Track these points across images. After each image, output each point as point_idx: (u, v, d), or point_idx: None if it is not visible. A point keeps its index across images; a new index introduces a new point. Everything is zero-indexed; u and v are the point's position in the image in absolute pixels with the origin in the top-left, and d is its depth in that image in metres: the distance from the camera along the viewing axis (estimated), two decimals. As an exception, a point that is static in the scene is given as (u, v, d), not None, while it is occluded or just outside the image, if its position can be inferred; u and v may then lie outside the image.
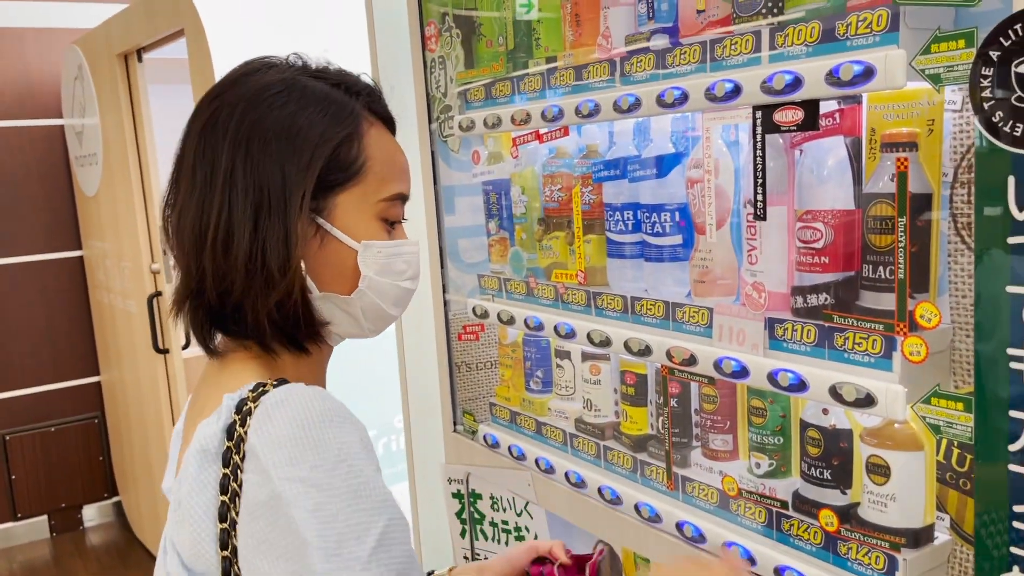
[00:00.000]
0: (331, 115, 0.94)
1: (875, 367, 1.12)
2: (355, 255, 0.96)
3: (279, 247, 0.91)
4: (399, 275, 1.00)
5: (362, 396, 3.43)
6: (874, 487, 1.18)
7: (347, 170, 0.95)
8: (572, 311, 1.65)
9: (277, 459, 0.81)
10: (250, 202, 0.91)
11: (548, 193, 1.70)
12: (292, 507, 0.79)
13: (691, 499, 1.45)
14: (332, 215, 0.95)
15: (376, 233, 0.98)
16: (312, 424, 0.82)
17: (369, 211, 0.97)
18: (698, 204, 1.37)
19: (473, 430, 2.01)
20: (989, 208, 0.95)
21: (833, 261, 1.20)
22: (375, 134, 0.98)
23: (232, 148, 0.92)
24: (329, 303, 0.98)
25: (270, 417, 0.83)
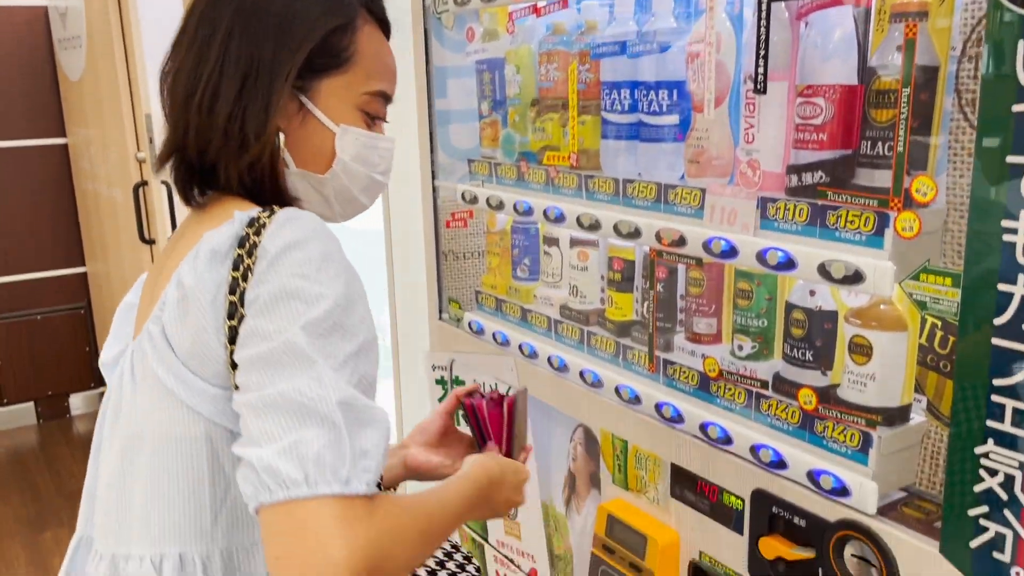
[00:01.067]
0: (328, 4, 1.04)
1: (866, 245, 1.11)
2: (333, 137, 1.06)
3: (258, 114, 1.00)
4: (373, 166, 1.11)
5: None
6: (855, 367, 1.18)
7: (335, 57, 1.04)
8: (563, 195, 1.62)
9: (289, 259, 0.89)
10: (240, 70, 1.00)
11: (544, 72, 1.65)
12: (293, 299, 0.88)
13: (672, 382, 1.45)
14: (316, 96, 1.04)
15: (355, 121, 1.07)
16: (320, 239, 0.92)
17: (351, 100, 1.06)
18: (697, 80, 1.34)
19: (459, 318, 2.01)
20: (995, 76, 0.92)
21: (831, 138, 1.17)
22: (368, 31, 1.07)
23: (233, 19, 1.01)
24: (303, 180, 1.07)
25: (283, 227, 0.92)
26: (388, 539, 0.85)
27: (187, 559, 0.97)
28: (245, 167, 1.01)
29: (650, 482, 1.48)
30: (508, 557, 1.92)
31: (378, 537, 0.84)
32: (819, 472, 1.18)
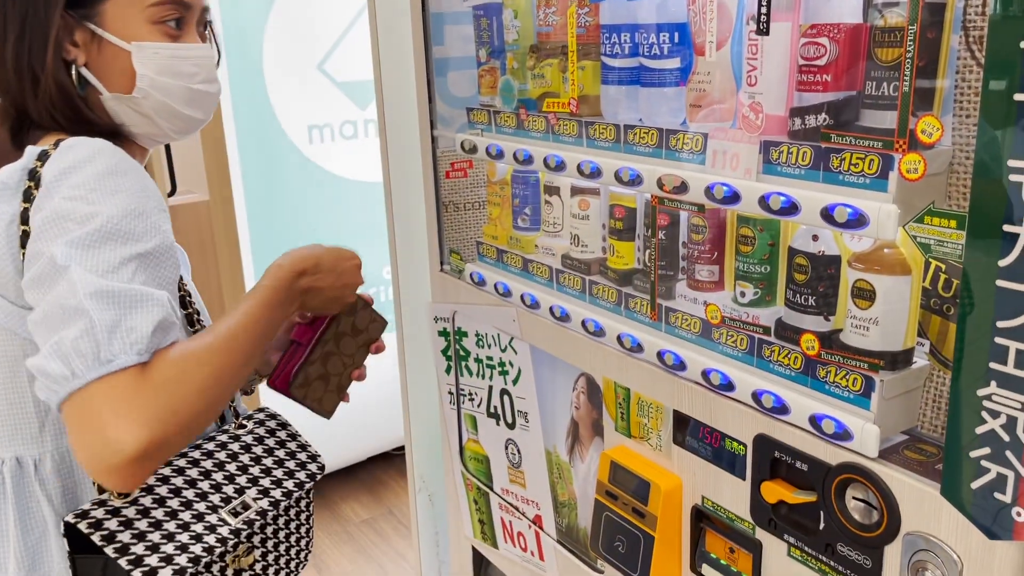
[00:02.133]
0: None
1: (870, 188, 1.09)
2: (130, 56, 1.11)
3: (40, 49, 1.07)
4: (189, 77, 1.15)
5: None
6: (858, 311, 1.17)
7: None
8: (563, 143, 1.60)
9: (62, 184, 0.97)
10: (18, 12, 1.07)
11: (542, 16, 1.61)
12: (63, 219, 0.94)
13: (673, 329, 1.45)
14: (103, 20, 1.10)
15: (150, 35, 1.12)
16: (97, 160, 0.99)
17: (139, 16, 1.11)
18: (699, 22, 1.31)
19: (460, 269, 2.00)
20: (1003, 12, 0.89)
21: (836, 79, 1.15)
22: None
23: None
24: (120, 104, 1.13)
25: (62, 154, 1.00)
26: (169, 395, 0.90)
27: (24, 462, 1.12)
28: (45, 102, 1.09)
29: (653, 429, 1.48)
30: (512, 504, 1.94)
31: (155, 398, 0.89)
32: (821, 417, 1.18)
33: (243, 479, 1.28)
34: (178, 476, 1.21)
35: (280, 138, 3.16)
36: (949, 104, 1.09)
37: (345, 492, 3.69)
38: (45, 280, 0.94)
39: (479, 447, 2.00)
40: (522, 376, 1.83)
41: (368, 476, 3.78)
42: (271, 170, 3.16)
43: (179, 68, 1.14)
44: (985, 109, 0.91)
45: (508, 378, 1.88)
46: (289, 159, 3.19)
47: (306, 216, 3.23)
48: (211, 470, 1.25)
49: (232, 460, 1.28)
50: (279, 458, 1.34)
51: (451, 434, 2.08)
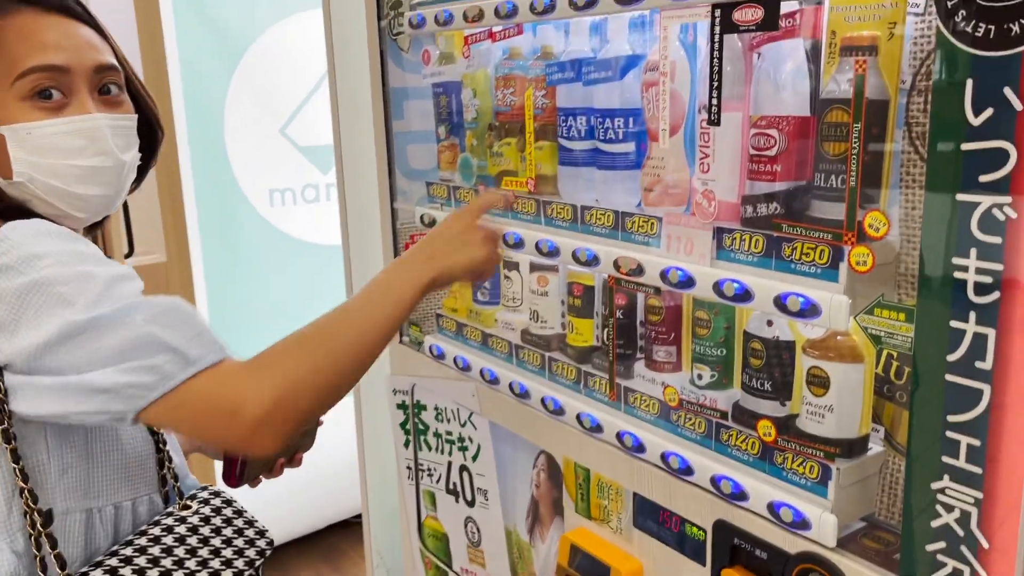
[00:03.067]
0: None
1: (821, 277, 1.11)
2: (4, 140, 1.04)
3: None
4: (76, 152, 1.05)
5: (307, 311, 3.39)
6: (813, 398, 1.18)
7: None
8: (521, 220, 1.60)
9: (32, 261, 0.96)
10: None
11: (500, 97, 1.63)
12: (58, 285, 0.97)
13: (633, 410, 1.44)
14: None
15: (24, 115, 1.02)
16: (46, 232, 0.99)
17: (7, 96, 1.02)
18: (652, 109, 1.33)
19: (419, 341, 1.98)
20: (944, 114, 0.92)
21: (785, 169, 1.17)
22: (9, 21, 1.03)
23: None
24: (15, 189, 1.07)
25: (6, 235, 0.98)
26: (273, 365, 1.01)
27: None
28: None
29: (613, 511, 1.47)
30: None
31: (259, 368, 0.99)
32: (779, 504, 1.18)
33: (192, 562, 1.23)
34: (125, 566, 1.16)
35: (240, 201, 3.14)
36: (895, 197, 1.12)
37: (304, 561, 3.59)
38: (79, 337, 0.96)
39: (438, 524, 1.96)
40: (482, 452, 1.81)
41: (327, 545, 3.69)
42: (230, 232, 3.13)
43: (61, 145, 1.05)
44: (929, 208, 0.93)
45: (468, 454, 1.86)
46: (249, 221, 3.17)
47: (265, 278, 3.20)
48: (159, 556, 1.20)
49: (180, 544, 1.24)
50: (227, 537, 1.30)
51: (409, 510, 2.04)
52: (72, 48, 1.06)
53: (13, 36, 1.03)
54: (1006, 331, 0.89)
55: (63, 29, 1.06)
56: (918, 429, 0.99)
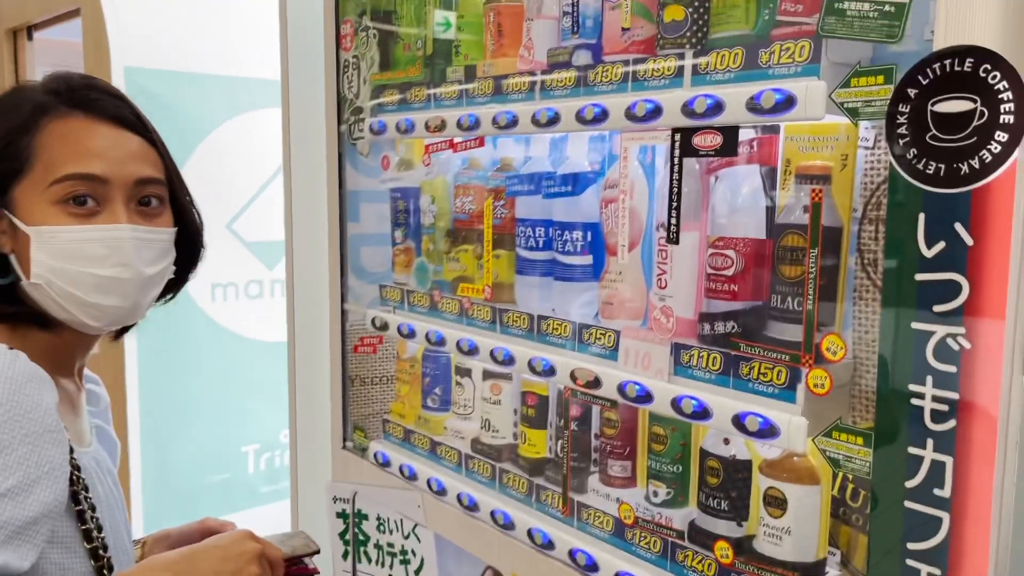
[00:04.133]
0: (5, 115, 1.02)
1: (778, 398, 1.11)
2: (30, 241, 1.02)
3: None
4: (96, 261, 1.03)
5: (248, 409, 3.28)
6: (770, 520, 1.17)
7: (14, 161, 1.01)
8: (477, 327, 1.59)
9: None
10: None
11: (459, 204, 1.65)
12: None
13: (586, 526, 1.41)
14: (15, 207, 1.02)
15: (53, 218, 1.01)
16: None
17: (41, 198, 1.01)
18: (611, 224, 1.35)
19: (364, 447, 1.92)
20: (898, 245, 0.95)
21: (742, 289, 1.19)
22: (57, 125, 1.03)
23: None
24: (35, 291, 1.03)
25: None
26: None
27: None
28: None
29: (563, 634, 1.41)
30: None
31: None
32: (737, 631, 1.14)
33: None
34: None
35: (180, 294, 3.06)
36: (849, 319, 1.14)
37: None
38: None
39: (376, 643, 1.86)
40: (425, 567, 1.74)
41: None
42: (168, 324, 3.04)
43: (82, 252, 1.02)
44: (885, 337, 0.95)
45: (410, 568, 1.78)
46: (188, 314, 3.09)
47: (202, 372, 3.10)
48: None
49: None
50: None
51: (346, 627, 1.93)
52: (115, 159, 1.04)
53: (57, 140, 1.02)
54: (963, 459, 0.90)
55: (111, 138, 1.05)
56: (877, 556, 0.98)
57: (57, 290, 1.03)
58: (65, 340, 1.08)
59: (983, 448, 0.89)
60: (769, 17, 1.13)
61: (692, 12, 1.20)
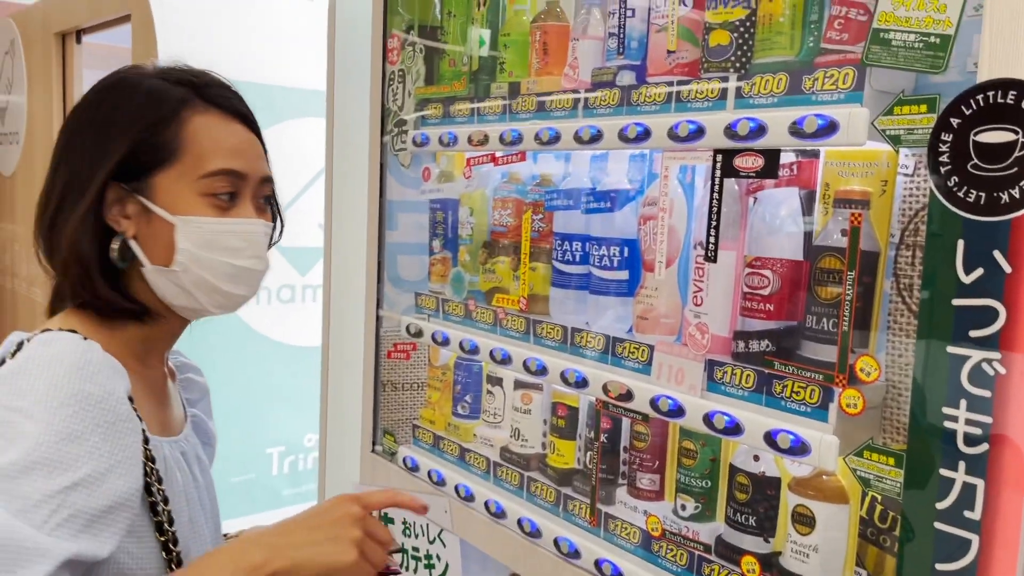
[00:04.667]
0: (147, 104, 1.05)
1: (810, 416, 1.13)
2: (174, 229, 1.05)
3: (78, 226, 1.03)
4: (234, 252, 1.08)
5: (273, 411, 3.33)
6: (798, 537, 1.18)
7: (160, 151, 1.04)
8: (510, 337, 1.63)
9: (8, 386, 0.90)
10: (63, 186, 1.05)
11: (497, 217, 1.68)
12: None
13: (612, 537, 1.43)
14: (153, 193, 1.05)
15: (199, 209, 1.06)
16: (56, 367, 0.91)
17: (189, 188, 1.05)
18: (649, 241, 1.38)
19: (393, 451, 1.95)
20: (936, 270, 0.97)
21: (778, 309, 1.21)
22: (200, 119, 1.07)
23: (62, 145, 1.07)
24: (160, 276, 1.07)
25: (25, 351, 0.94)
26: None
27: None
28: (77, 277, 1.04)
29: (586, 643, 1.43)
30: None
31: None
32: (762, 645, 1.16)
33: None
34: None
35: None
36: (883, 341, 1.16)
37: None
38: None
39: (397, 646, 1.88)
40: (449, 572, 1.76)
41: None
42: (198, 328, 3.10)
43: (224, 243, 1.07)
44: (920, 359, 0.97)
45: (435, 572, 1.80)
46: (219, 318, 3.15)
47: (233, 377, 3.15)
48: None
49: None
50: None
51: (368, 629, 1.95)
52: (250, 157, 1.11)
53: (204, 134, 1.06)
54: (994, 483, 0.92)
55: (244, 137, 1.11)
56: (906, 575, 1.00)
57: (192, 277, 1.06)
58: (157, 331, 1.11)
59: (1014, 472, 0.91)
60: (813, 44, 1.16)
61: (737, 38, 1.23)
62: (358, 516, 0.98)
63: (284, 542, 0.94)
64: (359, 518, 0.98)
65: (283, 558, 0.91)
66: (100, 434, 0.91)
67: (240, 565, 0.90)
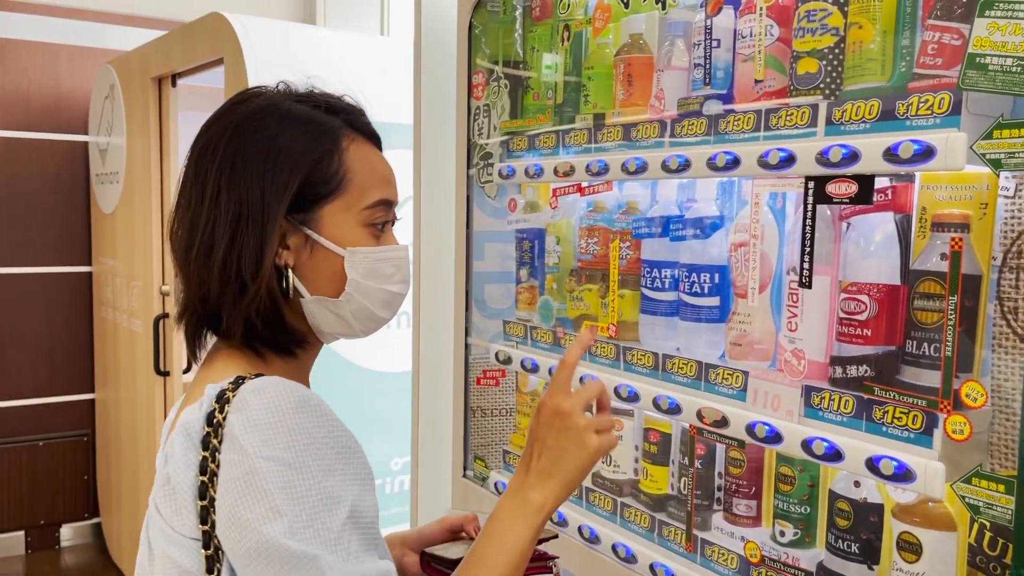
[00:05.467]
0: (310, 133, 1.04)
1: (914, 443, 1.12)
2: (342, 261, 1.05)
3: (253, 257, 1.00)
4: (387, 279, 1.08)
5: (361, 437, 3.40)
6: (904, 564, 1.17)
7: (328, 183, 1.03)
8: (600, 364, 1.65)
9: (253, 440, 0.90)
10: (231, 216, 1.00)
11: (584, 246, 1.71)
12: (265, 481, 0.89)
13: (709, 563, 1.43)
14: (319, 225, 1.04)
15: (362, 239, 1.06)
16: (285, 410, 0.92)
17: (353, 219, 1.05)
18: (740, 268, 1.39)
19: (484, 476, 1.99)
20: (1043, 293, 0.96)
21: (875, 334, 1.21)
22: (355, 148, 1.07)
23: (219, 169, 1.01)
24: (320, 306, 1.05)
25: (247, 404, 0.93)
26: None
27: None
28: (244, 309, 1.00)
29: (686, 669, 1.43)
30: None
31: None
32: (870, 675, 1.15)
33: None
34: None
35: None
36: (987, 365, 1.15)
37: None
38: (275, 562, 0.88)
39: (493, 669, 1.91)
40: (544, 596, 1.78)
41: None
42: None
43: (381, 270, 1.07)
44: (1031, 384, 0.96)
45: (529, 596, 1.82)
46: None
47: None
48: None
49: None
50: None
51: (463, 652, 1.98)
52: (395, 184, 1.12)
53: (362, 164, 1.06)
54: (1115, 510, 0.90)
55: (389, 164, 1.12)
56: (1023, 605, 0.98)
57: (355, 305, 1.06)
58: (307, 360, 1.11)
59: None
60: (906, 70, 1.16)
61: (826, 65, 1.24)
62: (567, 411, 1.05)
63: (546, 467, 1.04)
64: (570, 412, 1.05)
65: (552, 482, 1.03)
66: (343, 460, 0.94)
67: (526, 514, 1.02)
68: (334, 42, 3.24)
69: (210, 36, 3.22)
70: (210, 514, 0.92)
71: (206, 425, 0.94)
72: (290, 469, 0.90)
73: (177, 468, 0.94)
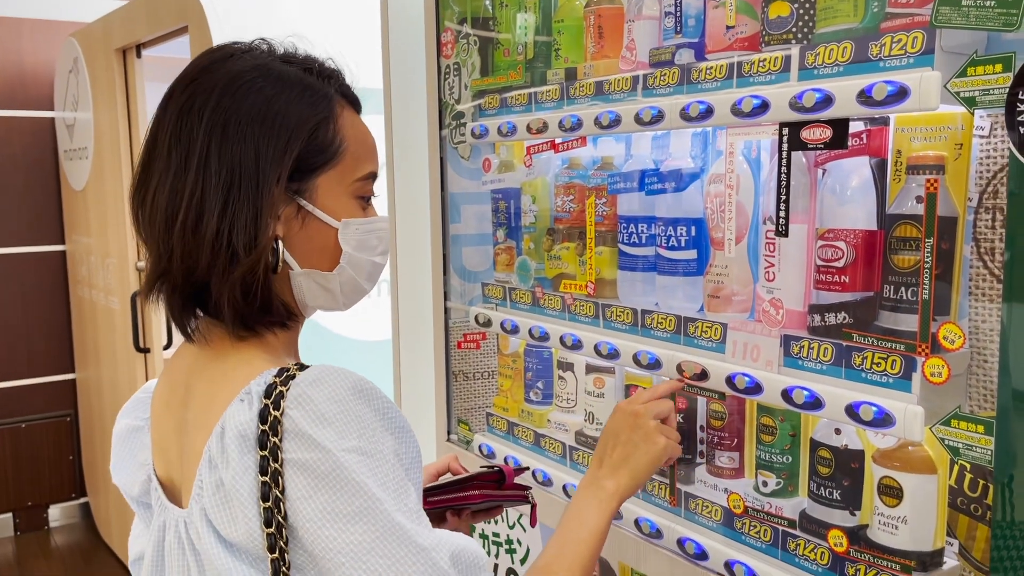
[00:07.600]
0: (307, 99, 0.98)
1: (893, 387, 1.12)
2: (335, 233, 1.01)
3: (248, 226, 0.94)
4: (372, 250, 1.06)
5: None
6: (885, 509, 1.17)
7: (324, 152, 0.99)
8: (579, 323, 1.64)
9: (328, 435, 0.87)
10: (222, 183, 0.93)
11: (560, 203, 1.69)
12: (355, 474, 0.86)
13: (694, 516, 1.44)
14: (313, 195, 0.99)
15: (353, 211, 1.03)
16: (347, 399, 0.89)
17: (346, 191, 1.02)
18: (716, 219, 1.38)
19: (468, 440, 1.99)
20: (1020, 231, 0.95)
21: (853, 280, 1.20)
22: (347, 116, 1.03)
23: (208, 132, 0.94)
24: (309, 279, 1.02)
25: (309, 397, 0.88)
26: None
27: None
28: (237, 281, 0.94)
29: (673, 621, 1.44)
30: None
31: None
32: (854, 618, 1.16)
33: None
34: None
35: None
36: (964, 308, 1.14)
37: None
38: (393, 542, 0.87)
39: (483, 630, 1.92)
40: (530, 556, 1.79)
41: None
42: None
43: (368, 242, 1.04)
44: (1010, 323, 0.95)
45: (515, 557, 1.83)
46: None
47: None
48: None
49: None
50: None
51: (453, 614, 1.99)
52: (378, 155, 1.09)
53: (353, 134, 1.02)
54: (1092, 446, 0.90)
55: (371, 132, 1.08)
56: (1000, 546, 0.98)
57: (344, 278, 1.03)
58: (295, 334, 1.07)
59: (1113, 435, 0.89)
60: (878, 10, 1.14)
61: (798, 8, 1.22)
62: (640, 413, 1.23)
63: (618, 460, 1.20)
64: (643, 414, 1.23)
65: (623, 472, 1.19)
66: (405, 441, 0.93)
67: (601, 499, 1.17)
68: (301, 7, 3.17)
69: (174, 3, 3.14)
70: (275, 515, 0.87)
71: (260, 423, 0.88)
72: (369, 458, 0.88)
73: (235, 473, 0.88)
